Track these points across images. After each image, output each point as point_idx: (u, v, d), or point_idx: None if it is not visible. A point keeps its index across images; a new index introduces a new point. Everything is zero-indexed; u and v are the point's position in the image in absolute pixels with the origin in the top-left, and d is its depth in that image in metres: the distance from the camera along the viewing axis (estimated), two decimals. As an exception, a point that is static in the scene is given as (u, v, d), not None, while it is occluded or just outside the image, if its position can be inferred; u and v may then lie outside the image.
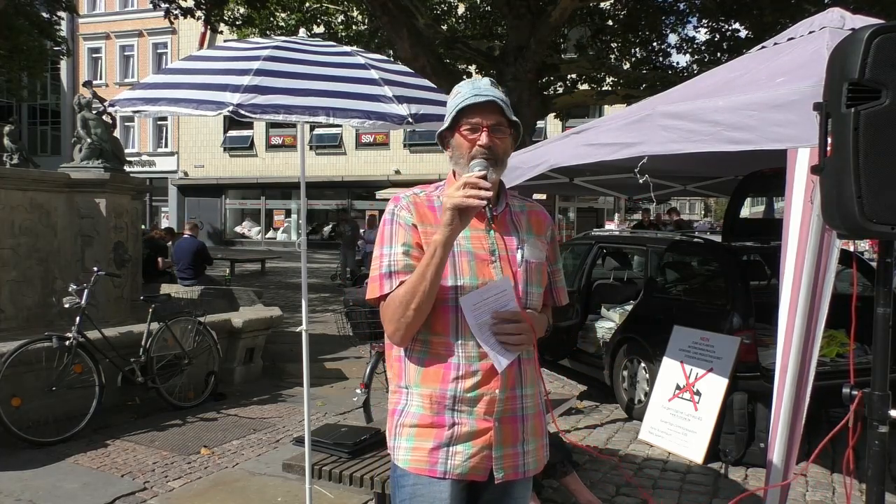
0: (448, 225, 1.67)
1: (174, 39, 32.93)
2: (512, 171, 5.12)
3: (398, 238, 1.79)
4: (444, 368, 1.78)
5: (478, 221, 1.81)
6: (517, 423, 1.84)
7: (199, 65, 3.47)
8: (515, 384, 1.83)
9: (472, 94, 1.82)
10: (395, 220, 1.82)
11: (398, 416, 1.85)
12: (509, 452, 1.82)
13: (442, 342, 1.78)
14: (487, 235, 1.83)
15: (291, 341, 8.17)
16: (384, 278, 1.78)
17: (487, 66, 13.48)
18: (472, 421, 1.78)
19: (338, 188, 30.85)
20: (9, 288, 6.33)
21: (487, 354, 1.77)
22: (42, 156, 32.31)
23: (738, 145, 3.07)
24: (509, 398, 1.81)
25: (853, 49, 1.72)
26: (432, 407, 1.79)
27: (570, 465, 3.91)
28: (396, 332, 1.77)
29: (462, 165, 1.82)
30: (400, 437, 1.83)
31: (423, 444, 1.79)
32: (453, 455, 1.78)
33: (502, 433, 1.80)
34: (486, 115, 1.81)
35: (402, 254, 1.78)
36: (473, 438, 1.78)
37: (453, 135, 1.84)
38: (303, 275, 3.83)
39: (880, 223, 1.73)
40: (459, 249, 1.79)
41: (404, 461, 1.81)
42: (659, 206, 20.34)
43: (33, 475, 4.39)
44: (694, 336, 5.10)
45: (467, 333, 1.77)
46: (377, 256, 1.81)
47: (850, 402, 1.95)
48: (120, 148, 8.24)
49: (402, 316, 1.73)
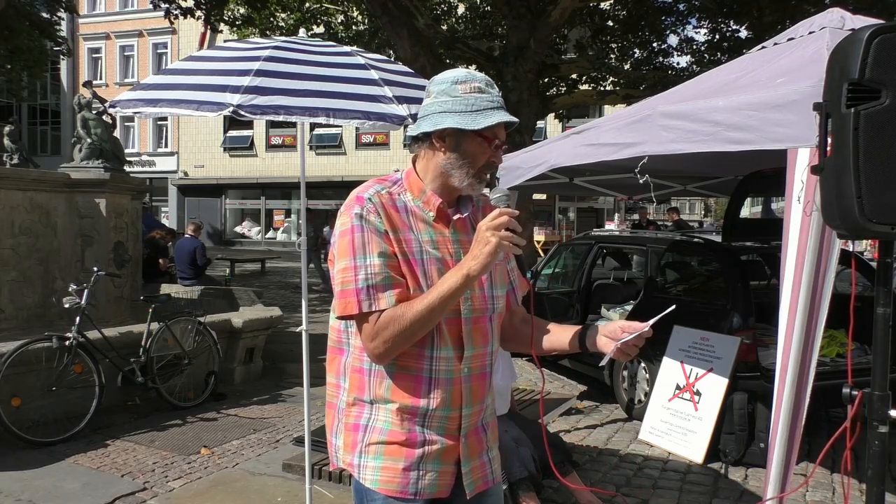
0: (486, 263, 1.56)
1: (174, 39, 32.92)
2: (512, 171, 5.13)
3: (372, 247, 1.62)
4: (414, 382, 1.68)
5: (442, 225, 1.74)
6: (480, 433, 1.81)
7: (200, 65, 3.47)
8: (482, 398, 1.80)
9: (499, 103, 1.69)
10: (364, 226, 1.63)
11: (362, 432, 1.72)
12: (476, 465, 1.79)
13: (414, 354, 1.67)
14: (452, 240, 1.74)
15: (291, 341, 8.16)
16: (361, 293, 1.61)
17: (487, 66, 13.46)
18: (442, 438, 1.72)
19: (338, 188, 30.81)
20: (9, 288, 6.32)
21: (459, 368, 1.71)
22: (42, 156, 32.29)
23: (738, 145, 3.07)
24: (475, 413, 1.78)
25: (853, 49, 1.72)
26: (402, 423, 1.69)
27: (570, 464, 3.90)
28: (390, 352, 1.64)
29: (466, 175, 1.69)
30: (367, 454, 1.71)
31: (394, 464, 1.69)
32: (423, 475, 1.70)
33: (469, 448, 1.76)
34: (503, 133, 1.73)
35: (379, 265, 1.62)
36: (442, 456, 1.72)
37: (472, 138, 1.68)
38: (303, 275, 3.83)
39: (880, 223, 1.73)
40: (427, 256, 1.68)
41: (373, 481, 1.70)
42: (660, 205, 20.37)
43: (33, 475, 4.39)
44: (694, 336, 5.10)
45: (442, 346, 1.69)
46: (347, 268, 1.63)
47: (850, 402, 1.94)
48: (120, 148, 8.25)
49: (407, 338, 1.62)
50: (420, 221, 1.72)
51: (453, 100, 1.68)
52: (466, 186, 1.72)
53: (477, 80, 1.70)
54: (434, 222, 1.73)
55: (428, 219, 1.73)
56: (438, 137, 1.70)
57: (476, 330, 1.75)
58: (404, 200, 1.72)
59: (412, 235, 1.69)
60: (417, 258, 1.67)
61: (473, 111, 1.67)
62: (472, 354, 1.74)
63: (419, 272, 1.66)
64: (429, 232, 1.72)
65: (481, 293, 1.76)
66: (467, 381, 1.73)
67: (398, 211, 1.70)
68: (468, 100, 1.67)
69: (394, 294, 1.62)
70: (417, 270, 1.66)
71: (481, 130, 1.66)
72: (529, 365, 7.23)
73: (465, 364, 1.73)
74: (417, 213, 1.72)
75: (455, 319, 1.71)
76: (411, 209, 1.72)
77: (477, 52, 13.00)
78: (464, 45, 12.89)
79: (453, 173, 1.70)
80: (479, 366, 1.76)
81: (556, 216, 27.93)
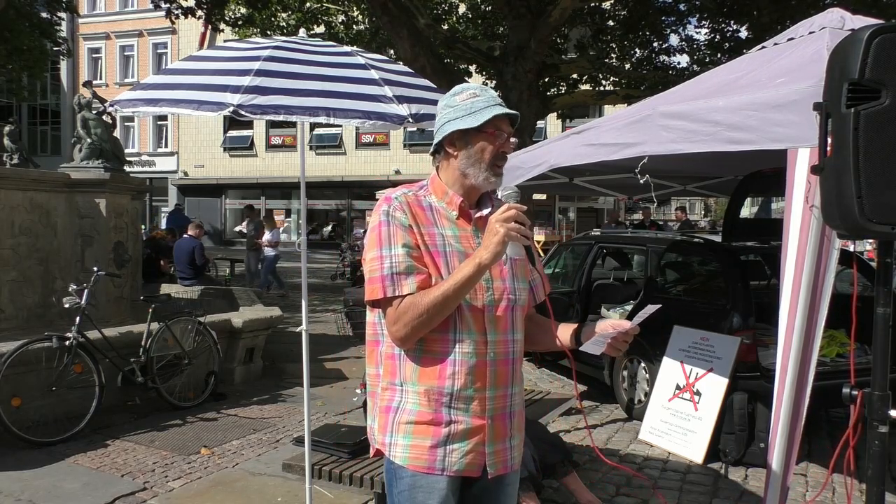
0: (496, 252, 1.70)
1: (174, 39, 32.92)
2: (512, 171, 5.12)
3: (397, 239, 1.80)
4: (440, 365, 1.81)
5: (465, 222, 1.90)
6: (506, 419, 1.90)
7: (200, 65, 3.47)
8: (508, 383, 1.89)
9: (496, 101, 1.87)
10: (391, 221, 1.81)
11: (393, 413, 1.86)
12: (499, 448, 1.88)
13: (439, 339, 1.81)
14: (474, 236, 1.89)
15: (291, 341, 8.17)
16: (385, 280, 1.78)
17: (487, 66, 13.47)
18: (468, 418, 1.83)
19: (338, 188, 30.86)
20: (9, 288, 6.33)
21: (483, 352, 1.83)
22: (42, 156, 32.29)
23: (739, 145, 3.07)
24: (500, 396, 1.87)
25: (853, 49, 1.72)
26: (430, 404, 1.81)
27: (570, 464, 3.90)
28: (410, 336, 1.78)
29: (480, 170, 1.86)
30: (397, 433, 1.84)
31: (422, 442, 1.82)
32: (450, 452, 1.82)
33: (494, 430, 1.86)
34: (507, 125, 1.89)
35: (403, 254, 1.78)
36: (469, 436, 1.83)
37: (476, 135, 1.85)
38: (303, 275, 3.83)
39: (880, 223, 1.74)
40: (451, 249, 1.83)
41: (402, 458, 1.83)
42: (660, 206, 20.37)
43: (33, 475, 4.39)
44: (694, 336, 5.10)
45: (465, 330, 1.81)
46: (375, 258, 1.81)
47: (850, 402, 1.95)
48: (120, 148, 8.24)
49: (424, 323, 1.76)
50: (444, 219, 1.89)
51: (454, 109, 1.89)
52: (483, 181, 1.88)
53: (472, 88, 1.92)
54: (457, 220, 1.90)
55: (451, 217, 1.90)
56: (449, 143, 1.89)
57: (498, 318, 1.87)
58: (430, 201, 1.91)
59: (436, 230, 1.86)
60: (441, 250, 1.83)
61: (472, 112, 1.86)
62: (495, 340, 1.86)
63: (441, 263, 1.81)
64: (452, 228, 1.88)
65: (503, 284, 1.88)
66: (493, 364, 1.85)
67: (423, 209, 1.88)
68: (466, 105, 1.87)
69: (416, 281, 1.78)
70: (440, 262, 1.81)
71: (481, 126, 1.84)
72: (529, 365, 7.23)
73: (491, 349, 1.85)
74: (442, 212, 1.90)
75: (478, 307, 1.84)
76: (436, 208, 1.90)
77: (477, 52, 12.98)
78: (464, 45, 12.87)
79: (468, 171, 1.87)
80: (503, 351, 1.88)
81: (556, 216, 27.92)
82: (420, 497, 1.82)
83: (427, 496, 1.82)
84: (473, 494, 1.92)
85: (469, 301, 1.81)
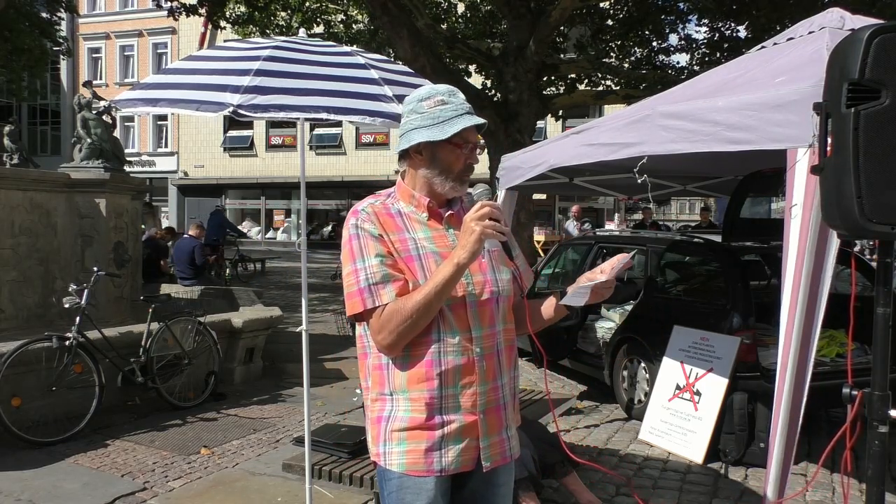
0: (473, 251, 1.71)
1: (174, 39, 32.91)
2: (512, 171, 5.13)
3: (369, 250, 1.79)
4: (427, 368, 1.80)
5: (436, 222, 1.90)
6: (500, 411, 1.90)
7: (200, 65, 3.47)
8: (497, 375, 1.88)
9: (464, 109, 1.84)
10: (360, 233, 1.81)
11: (385, 422, 1.85)
12: (495, 440, 1.88)
13: (424, 342, 1.80)
14: (447, 234, 1.89)
15: (291, 341, 8.16)
16: (364, 292, 1.77)
17: (487, 66, 13.44)
18: (460, 416, 1.82)
19: (338, 188, 30.84)
20: (9, 288, 6.32)
21: (470, 349, 1.82)
22: (42, 156, 32.29)
23: (738, 145, 3.07)
24: (491, 390, 1.87)
25: (853, 49, 1.72)
26: (421, 408, 1.81)
27: (570, 464, 3.90)
28: (397, 343, 1.78)
29: (446, 180, 1.85)
30: (390, 442, 1.84)
31: (417, 447, 1.81)
32: (447, 453, 1.82)
33: (488, 424, 1.86)
34: (474, 135, 1.87)
35: (377, 264, 1.78)
36: (462, 434, 1.83)
37: (444, 147, 1.83)
38: (303, 275, 3.83)
39: (880, 223, 1.73)
40: (425, 251, 1.83)
41: (399, 465, 1.82)
42: (660, 207, 20.36)
43: (33, 475, 4.39)
44: (694, 336, 5.10)
45: (448, 330, 1.80)
46: (350, 272, 1.80)
47: (850, 402, 1.94)
48: (120, 148, 8.24)
49: (410, 328, 1.75)
50: (415, 223, 1.88)
51: (421, 116, 1.86)
52: (449, 190, 1.88)
53: (440, 94, 1.87)
54: (428, 221, 1.89)
55: (422, 219, 1.89)
56: (415, 152, 1.88)
57: (482, 312, 1.86)
58: (398, 207, 1.90)
59: (407, 235, 1.84)
60: (414, 255, 1.82)
61: (440, 122, 1.83)
62: (481, 335, 1.85)
63: (416, 267, 1.80)
64: (424, 230, 1.87)
65: (483, 277, 1.87)
66: (480, 360, 1.84)
67: (392, 217, 1.87)
68: (433, 113, 1.84)
69: (394, 289, 1.77)
70: (415, 266, 1.80)
71: (450, 138, 1.82)
72: (529, 365, 7.23)
73: (477, 344, 1.84)
74: (412, 216, 1.89)
75: (460, 304, 1.83)
76: (405, 213, 1.89)
77: (477, 52, 12.97)
78: (464, 44, 12.86)
79: (434, 181, 1.87)
80: (490, 345, 1.87)
81: (556, 216, 27.91)
82: (408, 498, 1.82)
83: (415, 497, 1.82)
84: (464, 497, 1.91)
85: (450, 300, 1.79)
